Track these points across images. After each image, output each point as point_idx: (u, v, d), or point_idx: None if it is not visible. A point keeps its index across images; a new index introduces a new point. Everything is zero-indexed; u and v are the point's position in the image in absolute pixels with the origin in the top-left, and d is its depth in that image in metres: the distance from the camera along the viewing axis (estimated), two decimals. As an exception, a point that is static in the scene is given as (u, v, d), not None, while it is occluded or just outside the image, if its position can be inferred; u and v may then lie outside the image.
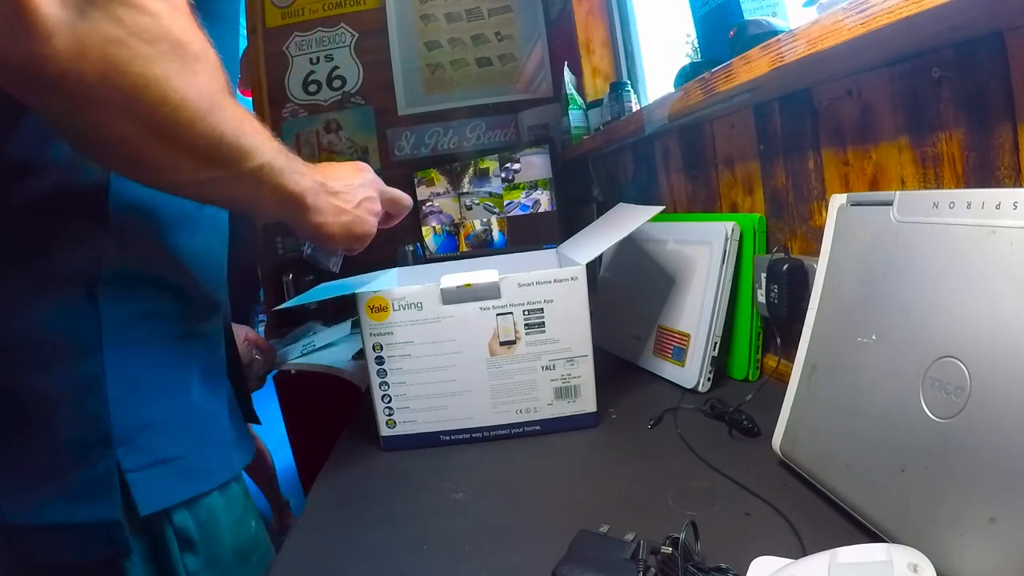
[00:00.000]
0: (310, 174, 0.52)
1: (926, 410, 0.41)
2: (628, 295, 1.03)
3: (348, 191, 0.57)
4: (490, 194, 1.76)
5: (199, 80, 0.38)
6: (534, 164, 1.67)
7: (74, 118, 0.36)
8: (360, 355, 1.26)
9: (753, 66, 0.63)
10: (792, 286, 0.72)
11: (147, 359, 0.50)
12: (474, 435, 0.75)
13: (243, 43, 2.15)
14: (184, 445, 0.51)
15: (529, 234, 1.69)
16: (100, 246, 0.48)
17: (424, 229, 1.85)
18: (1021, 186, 0.49)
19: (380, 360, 0.74)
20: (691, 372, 0.83)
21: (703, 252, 0.85)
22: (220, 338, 0.62)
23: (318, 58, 2.07)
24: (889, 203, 0.48)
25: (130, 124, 0.37)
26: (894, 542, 0.41)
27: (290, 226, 0.55)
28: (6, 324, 0.47)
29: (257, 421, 0.74)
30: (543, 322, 0.72)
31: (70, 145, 0.41)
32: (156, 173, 0.42)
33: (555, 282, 0.72)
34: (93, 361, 0.46)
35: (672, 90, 0.91)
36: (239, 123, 0.42)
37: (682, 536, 0.42)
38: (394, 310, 0.73)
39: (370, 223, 0.61)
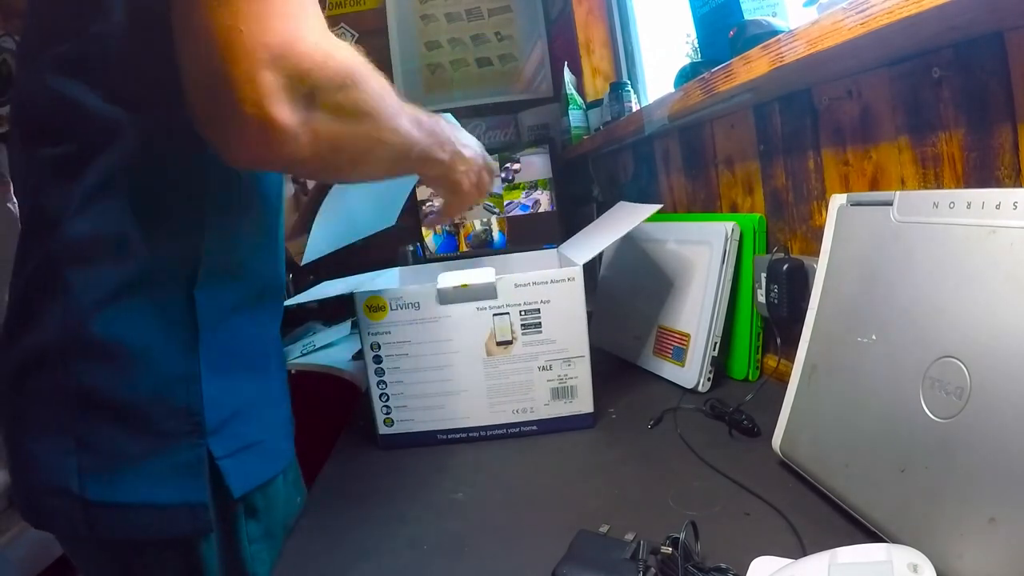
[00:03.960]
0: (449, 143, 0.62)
1: (926, 410, 0.41)
2: (628, 295, 1.03)
3: (471, 146, 0.67)
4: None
5: (389, 108, 0.49)
6: (534, 164, 1.67)
7: (318, 175, 0.55)
8: (360, 355, 1.26)
9: (753, 66, 0.63)
10: (792, 286, 0.72)
11: (236, 351, 0.54)
12: (471, 434, 0.75)
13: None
14: (263, 430, 0.56)
15: (529, 234, 1.69)
16: (198, 241, 0.51)
17: (424, 229, 1.84)
18: (1021, 186, 0.49)
19: (378, 359, 0.74)
20: (691, 372, 0.82)
21: (703, 252, 0.85)
22: (281, 316, 0.67)
23: (318, 58, 2.07)
24: (889, 203, 0.48)
25: (354, 162, 0.49)
26: (894, 542, 0.41)
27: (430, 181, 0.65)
28: (110, 322, 0.49)
29: None
30: (539, 322, 0.72)
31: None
32: (369, 177, 0.57)
33: (552, 282, 0.72)
34: (190, 360, 0.50)
35: (672, 90, 0.90)
36: (411, 123, 0.53)
37: (682, 536, 0.42)
38: (391, 310, 0.72)
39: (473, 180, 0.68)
